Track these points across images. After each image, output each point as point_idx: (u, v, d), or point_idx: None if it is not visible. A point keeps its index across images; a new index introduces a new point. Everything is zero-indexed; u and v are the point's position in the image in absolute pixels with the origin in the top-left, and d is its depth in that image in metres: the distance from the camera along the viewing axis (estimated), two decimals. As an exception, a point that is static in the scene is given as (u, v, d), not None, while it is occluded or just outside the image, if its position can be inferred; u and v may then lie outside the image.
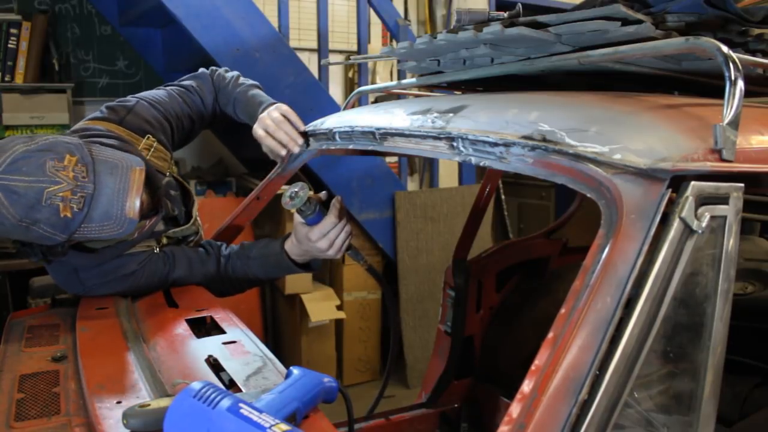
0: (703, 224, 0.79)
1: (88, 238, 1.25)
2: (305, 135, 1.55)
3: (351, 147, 1.40)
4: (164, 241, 1.55)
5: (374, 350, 3.60)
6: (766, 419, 1.66)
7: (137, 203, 1.24)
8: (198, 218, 1.67)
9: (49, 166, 1.15)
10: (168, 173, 1.58)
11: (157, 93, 1.63)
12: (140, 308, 1.40)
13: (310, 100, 3.00)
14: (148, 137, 1.51)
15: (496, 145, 0.95)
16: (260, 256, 1.57)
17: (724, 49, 0.82)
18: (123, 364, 1.08)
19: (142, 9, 3.20)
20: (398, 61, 1.59)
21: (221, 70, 1.76)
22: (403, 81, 1.64)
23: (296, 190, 1.35)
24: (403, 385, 3.46)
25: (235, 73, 1.75)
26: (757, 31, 1.09)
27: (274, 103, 1.60)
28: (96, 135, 1.40)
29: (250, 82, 1.72)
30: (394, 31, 3.37)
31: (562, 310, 0.77)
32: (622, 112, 0.93)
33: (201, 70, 1.77)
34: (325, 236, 1.42)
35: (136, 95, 1.60)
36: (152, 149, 1.52)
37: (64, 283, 1.46)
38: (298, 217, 1.44)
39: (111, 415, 0.90)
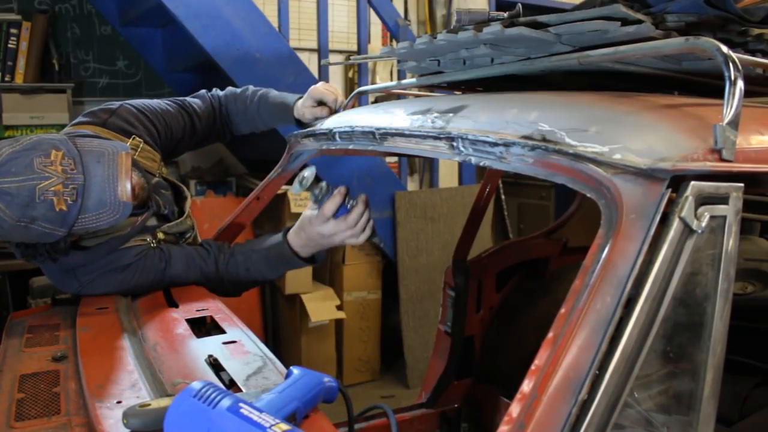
0: (703, 224, 0.79)
1: (87, 229, 1.27)
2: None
3: (351, 147, 1.40)
4: (161, 236, 1.55)
5: (374, 350, 3.60)
6: (766, 419, 1.66)
7: (128, 186, 1.26)
8: (191, 215, 1.67)
9: (36, 163, 1.18)
10: (158, 173, 1.58)
11: (147, 100, 1.65)
12: (140, 308, 1.39)
13: (310, 100, 3.00)
14: (134, 138, 1.52)
15: (496, 145, 0.95)
16: (263, 248, 1.57)
17: (724, 49, 0.82)
18: (123, 364, 1.08)
19: (142, 9, 3.19)
20: (398, 61, 1.59)
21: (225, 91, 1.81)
22: (403, 81, 1.63)
23: (305, 174, 1.39)
24: (403, 385, 3.46)
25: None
26: (757, 31, 1.09)
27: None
28: (82, 137, 1.40)
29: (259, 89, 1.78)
30: (394, 31, 3.37)
31: (562, 310, 0.77)
32: (622, 112, 0.93)
33: (202, 91, 1.80)
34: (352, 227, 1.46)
35: (124, 101, 1.61)
36: (139, 149, 1.53)
37: (59, 281, 1.47)
38: (308, 212, 1.49)
39: (111, 415, 0.90)
